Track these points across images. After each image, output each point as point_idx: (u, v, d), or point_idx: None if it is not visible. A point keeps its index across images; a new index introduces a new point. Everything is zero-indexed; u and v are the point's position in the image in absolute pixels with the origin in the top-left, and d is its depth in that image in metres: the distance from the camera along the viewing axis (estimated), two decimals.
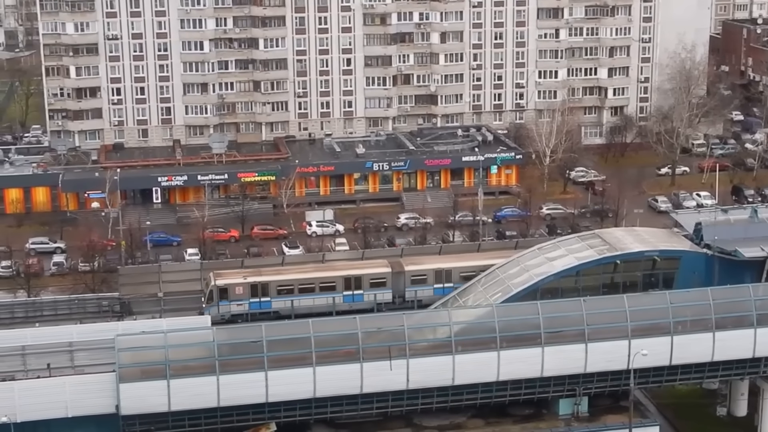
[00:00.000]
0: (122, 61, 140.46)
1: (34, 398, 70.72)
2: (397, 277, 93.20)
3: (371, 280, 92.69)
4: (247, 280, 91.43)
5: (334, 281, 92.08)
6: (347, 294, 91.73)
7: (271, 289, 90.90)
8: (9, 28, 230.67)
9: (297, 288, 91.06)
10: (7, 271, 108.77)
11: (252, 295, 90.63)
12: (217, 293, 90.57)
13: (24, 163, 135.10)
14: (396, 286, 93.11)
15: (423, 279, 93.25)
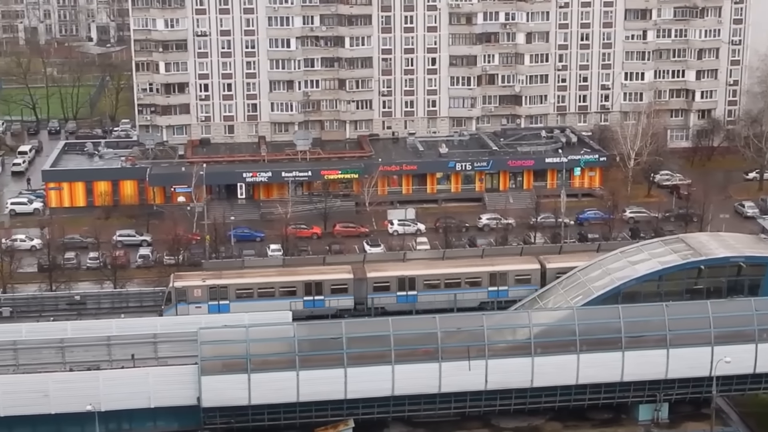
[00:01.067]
0: (210, 58, 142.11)
1: (118, 388, 72.04)
2: (360, 283, 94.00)
3: (332, 286, 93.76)
4: (206, 283, 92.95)
5: (295, 286, 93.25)
6: (308, 299, 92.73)
7: (230, 292, 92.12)
8: (101, 23, 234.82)
9: (256, 292, 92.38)
10: (95, 262, 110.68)
11: (211, 298, 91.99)
12: (175, 295, 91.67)
13: (113, 156, 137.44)
14: (358, 293, 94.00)
15: (386, 286, 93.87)
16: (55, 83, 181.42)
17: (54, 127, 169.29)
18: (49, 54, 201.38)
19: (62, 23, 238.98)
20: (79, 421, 72.04)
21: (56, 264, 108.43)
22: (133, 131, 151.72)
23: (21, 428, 72.86)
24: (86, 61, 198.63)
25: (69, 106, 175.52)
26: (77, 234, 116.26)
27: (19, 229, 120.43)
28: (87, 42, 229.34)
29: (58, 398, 71.35)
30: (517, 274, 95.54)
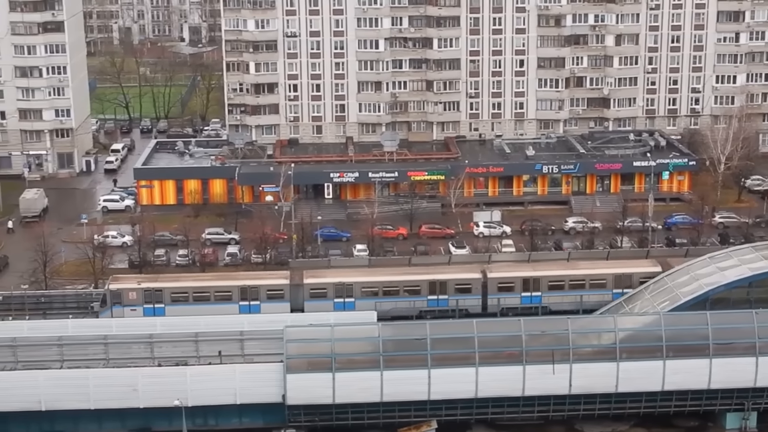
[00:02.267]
0: (299, 59, 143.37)
1: (205, 384, 73.17)
2: (296, 289, 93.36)
3: (268, 291, 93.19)
4: (141, 286, 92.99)
5: (230, 291, 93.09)
6: (243, 304, 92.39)
7: (165, 295, 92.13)
8: (193, 24, 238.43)
9: (192, 296, 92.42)
10: (184, 259, 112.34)
11: (146, 301, 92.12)
12: (110, 297, 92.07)
13: (203, 155, 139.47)
14: (294, 299, 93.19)
15: (323, 293, 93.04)
16: (148, 83, 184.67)
17: (146, 126, 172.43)
18: (143, 54, 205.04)
19: (155, 23, 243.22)
20: (167, 415, 73.31)
21: (146, 261, 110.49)
22: (223, 131, 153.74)
23: (111, 422, 74.44)
24: (178, 61, 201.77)
25: (161, 105, 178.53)
26: (167, 231, 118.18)
27: (111, 225, 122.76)
28: (179, 42, 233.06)
29: (147, 393, 72.69)
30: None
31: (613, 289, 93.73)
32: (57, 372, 73.45)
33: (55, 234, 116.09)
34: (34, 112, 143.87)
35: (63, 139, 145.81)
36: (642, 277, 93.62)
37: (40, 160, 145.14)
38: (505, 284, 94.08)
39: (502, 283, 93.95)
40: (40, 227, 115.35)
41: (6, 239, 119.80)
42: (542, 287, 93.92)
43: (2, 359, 74.52)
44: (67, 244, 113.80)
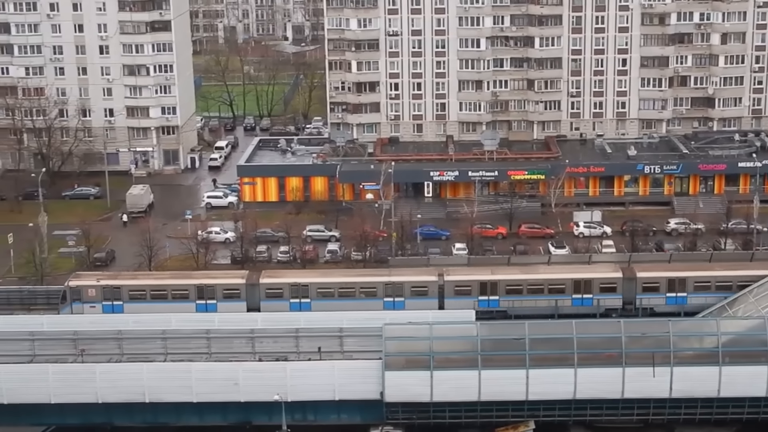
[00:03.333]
0: (401, 57, 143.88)
1: (304, 379, 73.94)
2: (252, 289, 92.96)
3: (224, 291, 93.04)
4: (99, 283, 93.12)
5: (187, 289, 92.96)
6: (200, 303, 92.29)
7: (123, 293, 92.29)
8: (297, 23, 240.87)
9: (149, 294, 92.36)
10: (285, 256, 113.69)
11: (105, 298, 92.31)
12: (70, 294, 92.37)
13: (305, 153, 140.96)
14: (251, 299, 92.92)
15: (279, 293, 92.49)
16: (252, 81, 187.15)
17: (249, 124, 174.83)
18: (247, 52, 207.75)
19: (260, 23, 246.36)
20: (266, 410, 74.32)
21: (248, 257, 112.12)
22: (325, 129, 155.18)
23: (212, 415, 75.73)
24: (281, 60, 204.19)
25: (264, 103, 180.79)
26: (269, 228, 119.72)
27: (214, 222, 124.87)
28: (283, 41, 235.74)
29: (248, 387, 73.74)
30: None
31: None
32: (161, 365, 74.94)
33: (160, 229, 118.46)
34: (141, 110, 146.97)
35: (169, 136, 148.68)
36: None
37: (146, 156, 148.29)
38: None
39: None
40: (146, 223, 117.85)
41: (113, 234, 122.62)
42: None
43: (108, 351, 76.34)
44: (172, 240, 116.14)
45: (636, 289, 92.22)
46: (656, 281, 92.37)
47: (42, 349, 76.63)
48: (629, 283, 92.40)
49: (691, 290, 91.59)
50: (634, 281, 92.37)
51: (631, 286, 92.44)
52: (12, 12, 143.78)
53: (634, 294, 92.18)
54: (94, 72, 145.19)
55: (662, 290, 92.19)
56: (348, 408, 75.36)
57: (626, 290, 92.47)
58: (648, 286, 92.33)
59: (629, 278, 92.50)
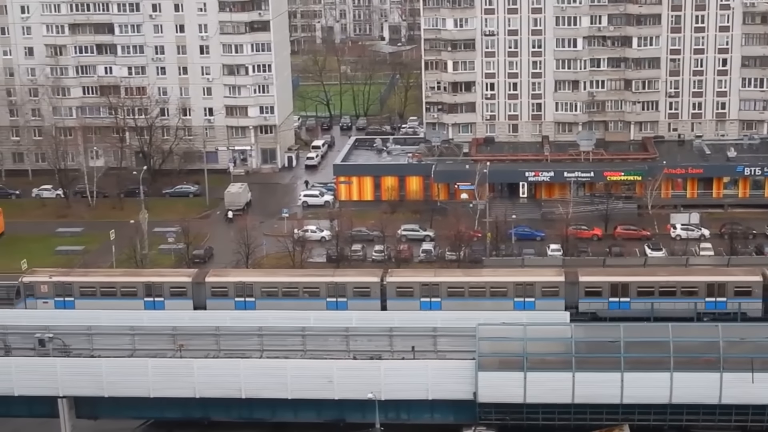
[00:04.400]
0: (497, 57, 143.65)
1: (398, 378, 74.22)
2: (198, 287, 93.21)
3: (171, 288, 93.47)
4: (51, 280, 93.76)
5: (135, 287, 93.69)
6: (148, 300, 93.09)
7: (74, 289, 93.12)
8: (393, 23, 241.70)
9: (99, 290, 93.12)
10: (380, 255, 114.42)
11: (56, 294, 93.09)
12: (24, 290, 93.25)
13: (400, 152, 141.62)
14: (197, 298, 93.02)
15: (224, 291, 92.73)
16: (348, 81, 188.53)
17: (346, 123, 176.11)
18: (344, 52, 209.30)
19: (357, 23, 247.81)
20: (360, 408, 74.79)
21: (344, 255, 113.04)
22: (420, 128, 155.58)
23: (306, 411, 76.44)
24: (378, 60, 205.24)
25: (360, 102, 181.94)
26: (364, 227, 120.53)
27: (310, 220, 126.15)
28: (379, 41, 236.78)
29: (342, 385, 74.25)
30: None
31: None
32: (257, 361, 75.85)
33: (257, 227, 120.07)
34: (240, 109, 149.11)
35: (266, 135, 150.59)
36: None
37: (244, 155, 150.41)
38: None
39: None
40: (244, 220, 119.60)
41: (212, 231, 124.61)
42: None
43: (206, 347, 77.59)
44: (269, 238, 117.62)
45: (578, 293, 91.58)
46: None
47: (142, 343, 78.19)
48: (571, 287, 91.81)
49: None
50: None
51: (574, 291, 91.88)
52: (116, 13, 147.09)
53: (576, 298, 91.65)
54: (194, 72, 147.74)
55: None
56: (441, 408, 75.49)
57: (568, 294, 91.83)
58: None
59: (571, 282, 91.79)
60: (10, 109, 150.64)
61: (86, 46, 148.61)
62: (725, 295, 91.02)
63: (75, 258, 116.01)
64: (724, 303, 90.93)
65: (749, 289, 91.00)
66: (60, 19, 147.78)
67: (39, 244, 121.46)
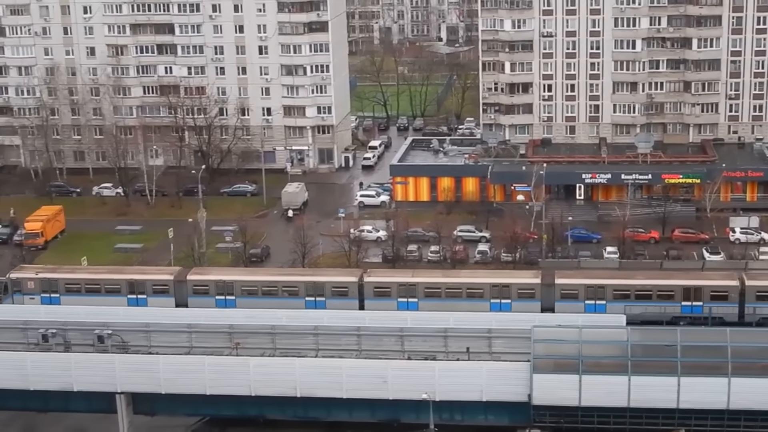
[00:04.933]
0: (555, 59, 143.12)
1: (452, 379, 74.30)
2: (180, 285, 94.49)
3: (153, 286, 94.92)
4: (38, 276, 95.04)
5: (119, 284, 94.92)
6: (131, 297, 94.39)
7: (60, 285, 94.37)
8: (451, 24, 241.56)
9: (84, 287, 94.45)
10: (436, 255, 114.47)
11: (42, 290, 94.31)
12: (11, 286, 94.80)
13: (457, 153, 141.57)
14: (179, 295, 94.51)
15: (205, 290, 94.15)
16: (406, 81, 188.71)
17: (402, 124, 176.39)
18: (401, 53, 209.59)
19: (414, 23, 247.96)
20: (414, 408, 74.94)
21: (399, 256, 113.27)
22: (477, 129, 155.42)
23: (361, 411, 76.76)
24: (435, 61, 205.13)
25: (417, 103, 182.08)
26: (420, 227, 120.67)
27: (366, 220, 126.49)
28: (437, 42, 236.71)
29: (396, 385, 74.45)
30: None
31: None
32: (312, 360, 76.32)
33: (314, 227, 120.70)
34: (298, 109, 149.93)
35: (324, 135, 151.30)
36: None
37: (301, 155, 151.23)
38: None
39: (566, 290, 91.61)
40: (301, 220, 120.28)
41: (269, 230, 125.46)
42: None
43: (262, 346, 78.18)
44: (325, 237, 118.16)
45: (554, 295, 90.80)
46: (575, 288, 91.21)
47: (199, 341, 78.98)
48: (548, 289, 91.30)
49: None
50: (552, 288, 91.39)
51: (550, 293, 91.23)
52: (176, 13, 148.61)
53: (552, 301, 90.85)
54: (253, 72, 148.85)
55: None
56: (495, 409, 75.42)
57: (544, 296, 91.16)
58: (566, 294, 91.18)
59: (548, 285, 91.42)
60: (72, 108, 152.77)
61: (147, 46, 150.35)
62: (701, 299, 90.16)
63: (134, 256, 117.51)
64: (700, 307, 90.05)
65: (725, 293, 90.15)
66: (121, 19, 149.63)
67: (99, 241, 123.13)
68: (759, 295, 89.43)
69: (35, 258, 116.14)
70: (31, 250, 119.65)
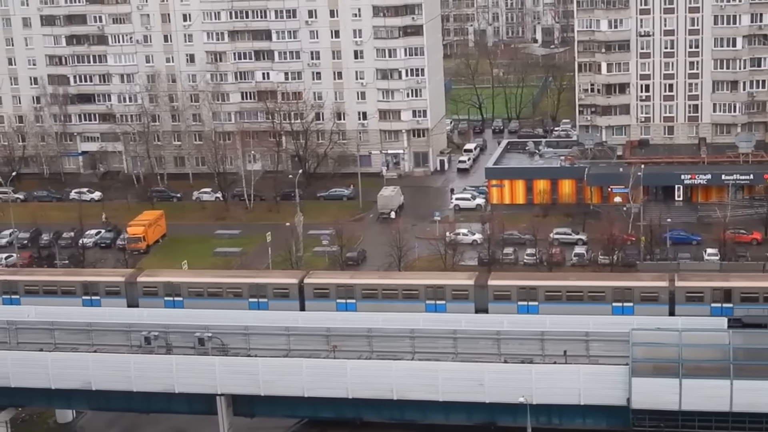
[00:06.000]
0: (652, 58, 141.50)
1: (550, 382, 73.85)
2: (131, 287, 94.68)
3: (106, 288, 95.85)
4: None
5: (74, 286, 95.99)
6: (86, 298, 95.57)
7: (20, 287, 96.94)
8: (546, 25, 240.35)
9: (42, 289, 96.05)
10: (532, 258, 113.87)
11: (3, 291, 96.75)
12: None
13: (552, 155, 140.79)
14: (130, 297, 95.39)
15: (154, 291, 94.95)
16: (501, 84, 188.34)
17: (498, 126, 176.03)
18: (496, 55, 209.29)
19: (509, 25, 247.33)
20: (511, 411, 74.64)
21: (495, 258, 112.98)
22: (573, 131, 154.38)
23: (457, 414, 76.72)
24: (530, 62, 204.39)
25: (512, 105, 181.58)
26: (516, 230, 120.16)
27: (462, 223, 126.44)
28: (532, 43, 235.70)
29: (493, 388, 74.19)
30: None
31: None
32: (409, 363, 76.45)
33: (409, 230, 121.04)
34: (393, 113, 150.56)
35: (419, 138, 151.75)
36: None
37: (397, 158, 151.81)
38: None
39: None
40: (396, 223, 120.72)
41: (365, 234, 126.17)
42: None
43: (358, 349, 78.63)
44: (420, 240, 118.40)
45: (488, 296, 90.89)
46: (507, 290, 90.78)
47: (296, 344, 79.76)
48: (481, 290, 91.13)
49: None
50: (485, 289, 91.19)
51: (483, 294, 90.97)
52: (273, 19, 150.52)
53: (486, 302, 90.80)
54: (348, 76, 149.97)
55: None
56: (593, 413, 74.77)
57: (478, 298, 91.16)
58: (498, 295, 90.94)
59: (480, 286, 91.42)
60: (173, 114, 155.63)
61: (245, 52, 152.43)
62: (632, 300, 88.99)
63: (233, 259, 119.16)
64: (632, 308, 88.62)
65: (656, 294, 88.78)
66: (220, 26, 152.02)
67: (199, 245, 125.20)
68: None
69: (137, 262, 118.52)
70: (134, 254, 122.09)
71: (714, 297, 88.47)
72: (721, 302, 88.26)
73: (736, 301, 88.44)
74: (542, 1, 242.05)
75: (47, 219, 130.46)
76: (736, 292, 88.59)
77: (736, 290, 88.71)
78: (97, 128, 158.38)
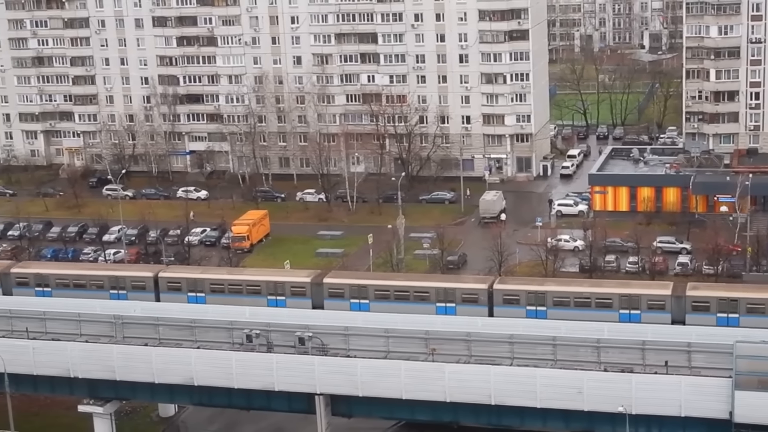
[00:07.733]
0: (764, 65, 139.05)
1: (650, 393, 73.17)
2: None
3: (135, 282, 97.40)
4: None
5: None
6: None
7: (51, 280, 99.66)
8: (654, 31, 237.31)
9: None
10: (634, 266, 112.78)
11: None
12: None
13: (657, 163, 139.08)
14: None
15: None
16: (606, 89, 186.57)
17: (602, 133, 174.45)
18: (602, 61, 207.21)
19: (616, 31, 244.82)
20: (610, 420, 74.07)
21: (596, 266, 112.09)
22: (679, 138, 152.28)
23: (555, 421, 76.41)
24: (637, 68, 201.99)
25: (618, 112, 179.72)
26: (618, 237, 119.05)
27: (563, 229, 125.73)
28: (639, 49, 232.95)
29: (592, 396, 73.74)
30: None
31: None
32: (507, 368, 76.30)
33: (511, 235, 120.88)
34: (497, 117, 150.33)
35: (522, 143, 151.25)
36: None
37: (500, 163, 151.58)
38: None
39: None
40: (498, 228, 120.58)
41: (466, 238, 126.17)
42: None
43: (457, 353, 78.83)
44: (522, 246, 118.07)
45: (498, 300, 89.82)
46: (516, 294, 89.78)
47: (395, 346, 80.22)
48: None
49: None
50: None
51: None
52: (379, 23, 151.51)
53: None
54: (453, 80, 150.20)
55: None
56: (693, 425, 73.77)
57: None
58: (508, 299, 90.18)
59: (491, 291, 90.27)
60: (279, 115, 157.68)
61: (351, 55, 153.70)
62: (639, 307, 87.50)
63: (335, 260, 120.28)
64: (639, 315, 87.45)
65: (662, 302, 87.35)
66: (327, 29, 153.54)
67: (302, 245, 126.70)
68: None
69: (241, 260, 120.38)
70: (238, 252, 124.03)
71: None
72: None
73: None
74: (651, 7, 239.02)
75: (155, 216, 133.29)
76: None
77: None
78: (204, 128, 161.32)
